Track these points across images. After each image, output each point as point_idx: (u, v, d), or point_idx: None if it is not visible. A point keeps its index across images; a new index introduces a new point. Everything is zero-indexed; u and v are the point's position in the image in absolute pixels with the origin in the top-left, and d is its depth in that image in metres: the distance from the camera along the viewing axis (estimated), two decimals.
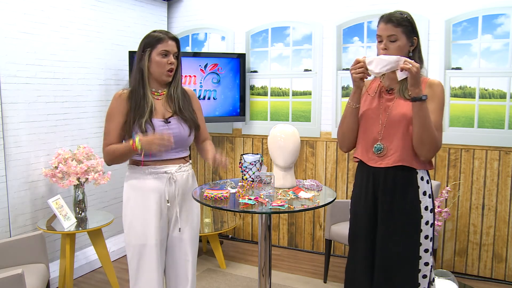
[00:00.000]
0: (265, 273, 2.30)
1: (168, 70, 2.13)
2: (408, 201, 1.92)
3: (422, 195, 1.93)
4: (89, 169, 3.12)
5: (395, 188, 1.94)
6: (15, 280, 2.06)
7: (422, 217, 1.92)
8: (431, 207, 1.96)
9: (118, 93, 2.12)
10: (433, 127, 1.83)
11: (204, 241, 3.99)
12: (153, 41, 2.10)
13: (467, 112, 3.38)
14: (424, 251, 1.93)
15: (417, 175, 1.93)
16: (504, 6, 3.19)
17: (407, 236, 1.93)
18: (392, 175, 1.94)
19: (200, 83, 3.91)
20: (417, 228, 1.92)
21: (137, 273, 2.14)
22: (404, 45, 1.89)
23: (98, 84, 3.68)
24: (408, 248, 1.93)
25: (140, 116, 2.04)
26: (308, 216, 4.05)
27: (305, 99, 3.95)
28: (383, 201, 1.96)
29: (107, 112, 2.13)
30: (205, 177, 4.49)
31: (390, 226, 1.95)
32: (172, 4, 4.44)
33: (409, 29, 1.89)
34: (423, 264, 1.93)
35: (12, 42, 2.99)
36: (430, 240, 1.95)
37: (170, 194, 2.15)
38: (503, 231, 3.36)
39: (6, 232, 3.01)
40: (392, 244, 1.94)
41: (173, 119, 2.13)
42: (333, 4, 3.76)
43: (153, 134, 2.02)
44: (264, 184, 2.21)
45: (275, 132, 2.41)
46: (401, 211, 1.93)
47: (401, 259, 1.93)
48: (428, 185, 1.96)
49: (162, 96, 2.17)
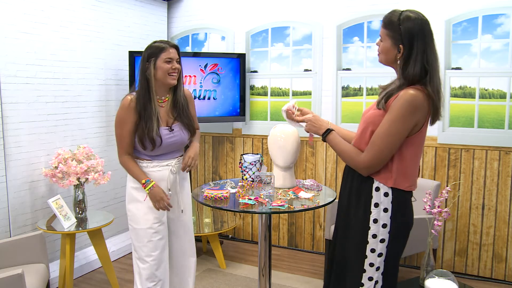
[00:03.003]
0: (265, 273, 2.30)
1: (173, 73, 2.31)
2: (360, 208, 1.85)
3: (374, 206, 1.80)
4: (89, 169, 3.12)
5: (351, 192, 1.90)
6: (15, 280, 2.06)
7: (370, 228, 1.80)
8: (384, 222, 1.79)
9: (128, 100, 2.28)
10: (343, 153, 1.88)
11: (204, 241, 3.99)
12: (157, 51, 2.27)
13: (467, 112, 3.38)
14: (369, 265, 1.83)
15: (372, 184, 1.80)
16: (504, 6, 3.19)
17: (353, 244, 1.88)
18: (351, 178, 1.91)
19: (200, 83, 3.91)
20: (364, 238, 1.83)
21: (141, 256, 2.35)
22: (389, 49, 1.76)
23: (98, 84, 3.68)
24: (353, 256, 1.88)
25: (149, 128, 2.25)
26: (308, 216, 4.05)
27: (305, 99, 3.94)
28: (341, 203, 1.97)
29: (116, 116, 2.32)
30: (205, 177, 4.49)
31: (342, 228, 1.95)
32: (172, 4, 4.44)
33: (395, 35, 1.73)
34: (367, 279, 1.84)
35: (12, 42, 2.99)
36: (378, 256, 1.81)
37: (171, 183, 2.39)
38: (503, 231, 3.36)
39: (6, 232, 3.01)
40: (341, 246, 1.95)
41: (176, 126, 2.37)
42: (333, 4, 3.76)
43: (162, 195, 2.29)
44: (264, 184, 2.22)
45: (275, 132, 2.41)
46: (353, 215, 1.88)
47: (345, 267, 1.92)
48: (386, 198, 1.78)
49: (165, 102, 2.37)
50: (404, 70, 1.73)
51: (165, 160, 2.37)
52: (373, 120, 1.79)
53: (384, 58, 1.82)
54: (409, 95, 1.69)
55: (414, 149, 1.80)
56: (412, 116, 1.70)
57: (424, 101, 1.71)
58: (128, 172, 2.36)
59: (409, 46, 1.71)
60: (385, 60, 1.83)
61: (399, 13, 1.76)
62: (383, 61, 1.84)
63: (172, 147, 2.37)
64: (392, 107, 1.72)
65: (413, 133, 1.76)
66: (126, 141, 2.30)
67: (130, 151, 2.34)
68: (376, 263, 1.83)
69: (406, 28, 1.71)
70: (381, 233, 1.80)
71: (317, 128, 2.03)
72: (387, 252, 1.83)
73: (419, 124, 1.75)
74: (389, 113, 1.72)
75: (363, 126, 1.86)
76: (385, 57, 1.81)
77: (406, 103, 1.68)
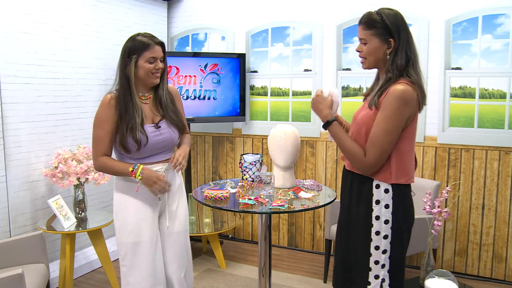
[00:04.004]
0: (265, 273, 2.30)
1: (155, 73, 2.11)
2: (361, 207, 1.88)
3: (375, 203, 1.84)
4: (89, 169, 3.12)
5: (351, 191, 1.93)
6: (15, 280, 2.06)
7: (372, 226, 1.84)
8: (386, 218, 1.83)
9: (107, 99, 2.09)
10: (349, 149, 1.85)
11: (204, 241, 3.99)
12: (140, 48, 2.06)
13: (467, 112, 3.38)
14: (374, 263, 1.86)
15: (372, 182, 1.85)
16: (504, 6, 3.19)
17: (357, 242, 1.90)
18: (350, 177, 1.94)
19: (200, 83, 3.91)
20: (367, 236, 1.86)
21: (129, 270, 2.15)
22: (377, 48, 1.83)
23: (98, 84, 3.68)
24: (357, 255, 1.90)
25: (132, 126, 2.04)
26: (308, 216, 4.05)
27: (305, 99, 3.94)
28: (342, 202, 2.00)
29: (95, 116, 2.12)
30: (205, 177, 4.49)
31: (345, 228, 1.96)
32: (172, 4, 4.44)
33: (382, 31, 1.80)
34: (373, 277, 1.87)
35: (12, 42, 2.99)
36: (382, 253, 1.85)
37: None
38: (503, 231, 3.36)
39: (6, 232, 3.01)
40: (345, 246, 1.96)
41: (163, 123, 2.16)
42: (333, 4, 3.76)
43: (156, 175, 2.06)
44: (264, 184, 2.21)
45: (275, 132, 2.41)
46: (355, 214, 1.91)
47: (350, 267, 1.93)
48: (387, 194, 1.83)
49: (149, 99, 2.17)
50: (393, 62, 1.81)
51: (153, 163, 2.14)
52: (367, 121, 1.84)
53: (372, 60, 1.86)
54: (399, 90, 1.75)
55: (409, 141, 1.84)
56: (404, 110, 1.76)
57: (413, 94, 1.78)
58: (110, 171, 2.11)
59: (398, 38, 1.80)
60: (373, 62, 1.87)
61: (376, 12, 1.85)
62: (370, 64, 1.88)
63: (160, 147, 2.15)
64: (384, 104, 1.77)
65: (406, 126, 1.81)
66: (105, 143, 2.08)
67: (108, 154, 2.12)
68: (381, 260, 1.85)
69: (392, 22, 1.80)
70: (383, 229, 1.84)
71: (320, 108, 1.96)
72: (391, 249, 1.84)
73: (411, 116, 1.81)
74: (382, 111, 1.78)
75: (356, 128, 1.89)
76: (373, 58, 1.86)
77: (398, 99, 1.75)
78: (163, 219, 2.23)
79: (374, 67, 1.90)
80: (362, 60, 1.90)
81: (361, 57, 1.89)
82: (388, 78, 1.81)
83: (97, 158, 2.11)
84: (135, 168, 2.05)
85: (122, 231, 2.16)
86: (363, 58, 1.88)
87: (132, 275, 2.14)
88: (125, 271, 2.17)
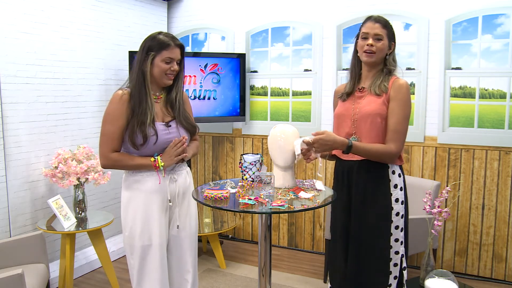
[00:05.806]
0: (265, 273, 2.30)
1: (169, 74, 2.12)
2: (380, 193, 2.05)
3: (393, 188, 2.07)
4: (89, 169, 3.12)
5: (367, 181, 2.07)
6: (15, 280, 2.06)
7: (393, 209, 2.06)
8: (402, 199, 2.09)
9: (119, 95, 2.07)
10: (375, 154, 2.02)
11: (204, 241, 3.99)
12: (159, 46, 2.07)
13: (467, 112, 3.38)
14: (394, 241, 2.06)
15: (388, 169, 2.07)
16: (504, 6, 3.19)
17: (378, 227, 2.05)
18: (364, 168, 2.07)
19: (200, 83, 3.91)
20: (388, 219, 2.05)
21: (140, 274, 2.14)
22: (386, 47, 2.08)
23: (98, 84, 3.68)
24: (379, 239, 2.05)
25: (143, 121, 2.03)
26: (308, 216, 4.05)
27: (305, 99, 3.95)
28: (356, 193, 2.10)
29: (106, 113, 2.09)
30: (205, 177, 4.49)
31: (363, 217, 2.08)
32: (172, 4, 4.44)
33: (391, 34, 2.09)
34: (394, 253, 2.06)
35: (12, 42, 2.99)
36: (401, 231, 2.07)
37: (172, 193, 2.18)
38: (503, 231, 3.36)
39: (6, 232, 3.01)
40: (364, 235, 2.08)
41: (173, 123, 2.17)
42: (333, 4, 3.76)
43: (169, 146, 2.09)
44: (264, 184, 2.21)
45: (275, 132, 2.41)
46: (372, 203, 2.06)
47: (372, 249, 2.06)
48: (400, 178, 2.10)
49: (160, 99, 2.18)
50: (390, 61, 2.10)
51: None
52: (379, 107, 2.03)
53: (380, 56, 2.09)
54: (406, 83, 2.06)
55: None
56: (410, 98, 2.09)
57: None
58: (125, 165, 2.09)
59: (395, 43, 2.14)
60: (379, 58, 2.09)
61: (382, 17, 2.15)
62: (377, 59, 2.08)
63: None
64: (398, 95, 2.02)
65: None
66: (116, 138, 2.06)
67: (119, 150, 2.10)
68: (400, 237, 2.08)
69: (392, 28, 2.12)
70: (400, 209, 2.09)
71: (330, 144, 2.01)
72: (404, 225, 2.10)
73: None
74: (397, 101, 2.02)
75: (369, 120, 2.03)
76: (381, 55, 2.09)
77: (407, 89, 2.05)
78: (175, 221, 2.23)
79: (376, 62, 2.10)
80: (371, 54, 2.05)
81: (371, 52, 2.05)
82: (386, 73, 2.09)
83: (107, 155, 2.08)
84: (156, 158, 2.06)
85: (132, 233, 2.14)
86: (373, 53, 2.05)
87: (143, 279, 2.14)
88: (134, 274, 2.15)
